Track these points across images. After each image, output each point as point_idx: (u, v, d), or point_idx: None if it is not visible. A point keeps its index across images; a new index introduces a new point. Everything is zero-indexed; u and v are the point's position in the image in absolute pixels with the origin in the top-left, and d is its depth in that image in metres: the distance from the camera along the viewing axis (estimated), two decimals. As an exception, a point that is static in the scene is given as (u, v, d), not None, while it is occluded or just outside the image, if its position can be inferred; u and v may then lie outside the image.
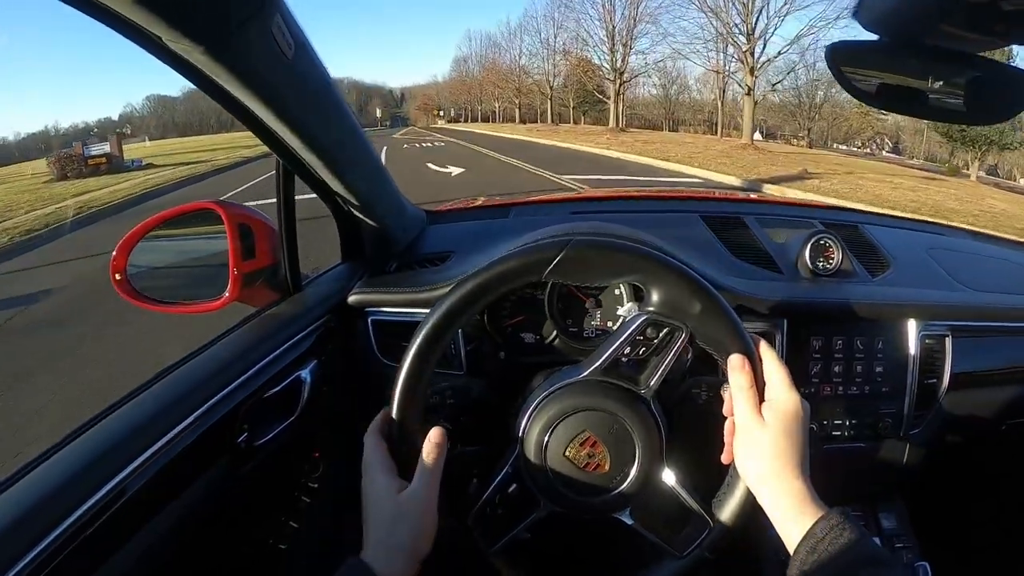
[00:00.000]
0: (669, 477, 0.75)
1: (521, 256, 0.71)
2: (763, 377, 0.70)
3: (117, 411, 0.71)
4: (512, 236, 1.08)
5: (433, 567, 0.68)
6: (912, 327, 1.07)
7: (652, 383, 0.74)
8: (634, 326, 0.74)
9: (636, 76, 36.96)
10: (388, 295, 1.05)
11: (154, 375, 0.79)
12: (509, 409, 0.82)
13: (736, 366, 0.69)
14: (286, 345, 0.91)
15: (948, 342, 1.09)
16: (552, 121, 48.13)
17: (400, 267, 1.13)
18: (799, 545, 0.61)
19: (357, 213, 1.04)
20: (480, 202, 1.58)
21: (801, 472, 0.66)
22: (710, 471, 0.76)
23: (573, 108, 51.98)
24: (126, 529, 0.64)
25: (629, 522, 0.75)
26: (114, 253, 0.89)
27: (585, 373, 0.76)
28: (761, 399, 0.69)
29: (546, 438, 0.74)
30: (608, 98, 35.92)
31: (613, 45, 33.62)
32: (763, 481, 0.67)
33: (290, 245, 0.96)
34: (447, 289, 0.73)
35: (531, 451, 0.74)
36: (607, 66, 34.44)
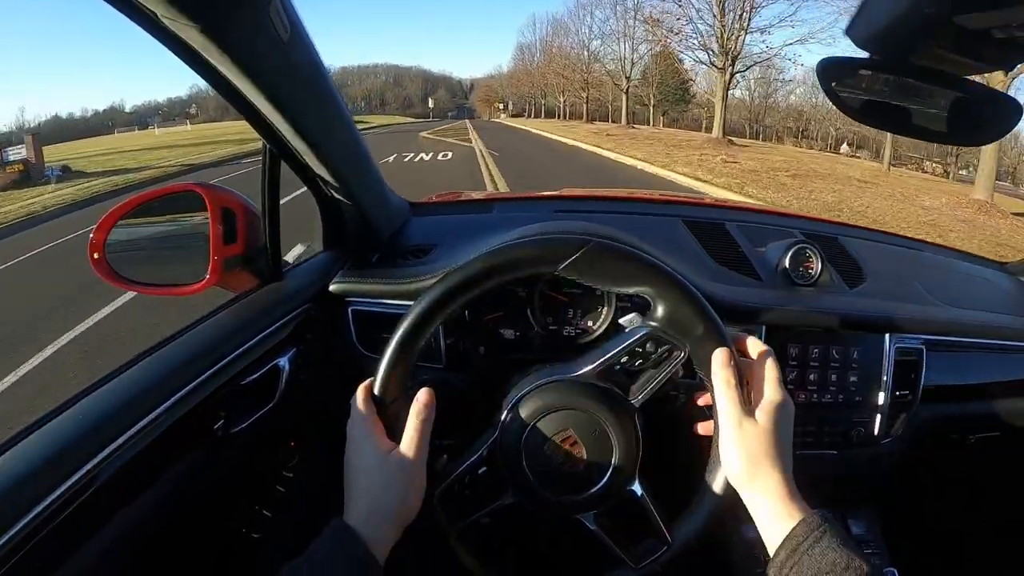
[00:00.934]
0: (638, 489, 0.75)
1: (542, 246, 0.71)
2: (752, 374, 0.69)
3: (92, 395, 0.69)
4: (496, 231, 1.07)
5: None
6: (887, 339, 1.08)
7: (642, 395, 0.74)
8: (635, 337, 0.73)
9: (756, 64, 25.67)
10: (370, 285, 1.04)
11: (130, 359, 0.77)
12: (488, 404, 0.81)
13: (722, 362, 0.68)
14: (265, 332, 0.89)
15: (922, 355, 1.10)
16: (627, 121, 36.60)
17: (383, 258, 1.12)
18: (779, 547, 0.60)
19: (342, 201, 1.02)
20: (464, 196, 1.56)
21: (785, 471, 0.65)
22: (679, 486, 0.76)
23: (653, 106, 43.94)
24: (99, 517, 0.62)
25: (591, 526, 0.75)
26: (93, 231, 0.87)
27: (578, 373, 0.75)
28: (750, 397, 0.68)
29: (528, 428, 0.73)
30: (701, 95, 29.28)
31: (723, 12, 21.87)
32: (747, 480, 0.66)
33: (273, 231, 0.94)
34: (431, 281, 0.72)
35: (510, 438, 0.74)
36: (714, 47, 22.30)
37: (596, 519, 0.75)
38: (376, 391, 0.70)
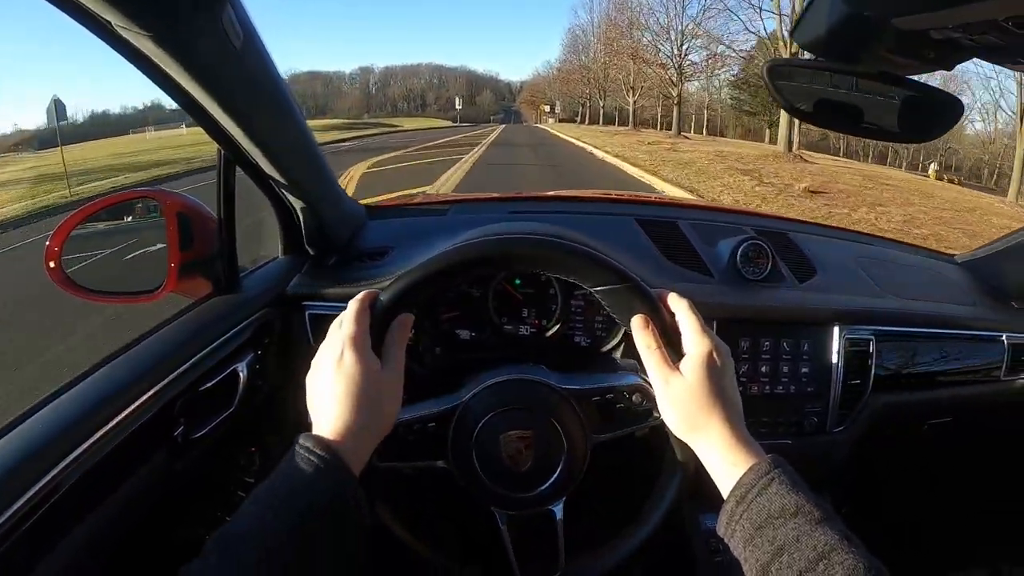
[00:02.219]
0: (558, 512, 0.75)
1: (594, 262, 0.70)
2: (678, 329, 0.67)
3: (51, 404, 0.68)
4: (451, 233, 1.06)
5: None
6: (836, 331, 1.09)
7: (607, 435, 0.75)
8: (626, 382, 0.74)
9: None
10: (326, 289, 1.02)
11: (89, 367, 0.75)
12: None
13: (639, 326, 0.67)
14: (223, 337, 0.87)
15: (872, 346, 1.11)
16: (788, 147, 17.28)
17: (339, 261, 1.10)
18: (729, 495, 0.59)
19: (297, 206, 1.01)
20: (420, 199, 1.54)
21: (728, 417, 0.62)
22: (599, 522, 0.77)
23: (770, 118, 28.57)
24: (62, 526, 0.61)
25: (501, 525, 0.75)
26: (49, 240, 0.83)
27: (563, 387, 0.75)
28: (679, 351, 0.66)
29: (494, 412, 0.73)
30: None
31: None
32: (690, 433, 0.64)
33: (229, 236, 0.91)
34: (388, 282, 0.70)
35: (474, 410, 0.73)
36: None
37: (509, 519, 0.75)
38: (386, 299, 0.67)
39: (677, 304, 0.68)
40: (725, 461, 0.60)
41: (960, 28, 0.50)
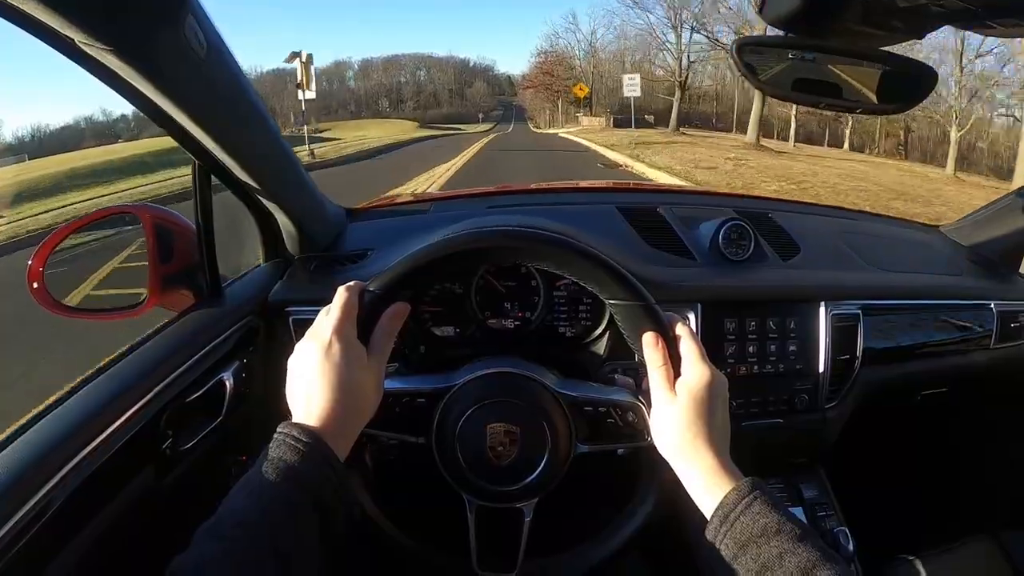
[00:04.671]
0: (527, 511, 0.74)
1: (626, 284, 0.67)
2: (678, 354, 0.67)
3: (37, 424, 0.66)
4: (431, 231, 1.04)
5: None
6: (822, 307, 1.07)
7: (591, 448, 0.73)
8: (624, 400, 0.72)
9: None
10: (308, 293, 1.01)
11: (74, 385, 0.74)
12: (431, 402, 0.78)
13: (650, 343, 0.67)
14: (208, 347, 0.86)
15: (859, 320, 1.10)
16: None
17: (320, 265, 1.08)
18: (712, 516, 0.59)
19: (275, 213, 0.99)
20: (401, 198, 1.52)
21: (713, 444, 0.63)
22: (559, 532, 0.76)
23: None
24: (53, 544, 0.61)
25: (469, 513, 0.74)
26: (31, 260, 0.82)
27: (560, 391, 0.74)
28: (677, 375, 0.66)
29: (487, 400, 0.71)
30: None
31: None
32: (676, 454, 0.64)
33: (208, 246, 0.90)
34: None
35: (466, 395, 0.72)
36: None
37: (476, 510, 0.74)
38: (376, 288, 0.65)
39: (682, 329, 0.68)
40: (707, 483, 0.61)
41: (926, -7, 0.48)
